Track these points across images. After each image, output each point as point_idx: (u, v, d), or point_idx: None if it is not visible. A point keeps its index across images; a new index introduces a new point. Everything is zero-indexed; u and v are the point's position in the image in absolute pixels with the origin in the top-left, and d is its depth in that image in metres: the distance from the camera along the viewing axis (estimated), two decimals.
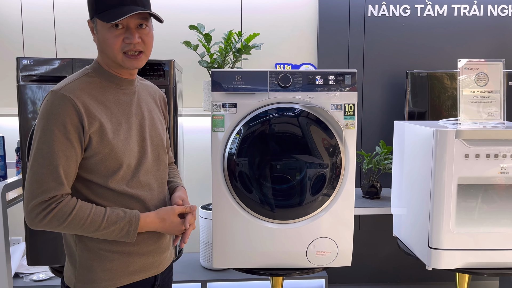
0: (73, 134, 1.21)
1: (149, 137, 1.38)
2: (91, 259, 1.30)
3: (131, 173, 1.33)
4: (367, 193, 2.60)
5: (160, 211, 1.35)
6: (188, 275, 2.63)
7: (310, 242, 1.92)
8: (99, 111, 1.26)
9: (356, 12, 2.81)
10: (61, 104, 1.21)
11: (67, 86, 1.25)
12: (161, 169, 1.44)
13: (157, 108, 1.48)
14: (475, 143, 1.79)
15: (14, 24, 2.75)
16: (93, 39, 1.32)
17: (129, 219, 1.28)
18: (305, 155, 1.89)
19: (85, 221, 1.23)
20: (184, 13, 2.78)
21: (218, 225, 1.91)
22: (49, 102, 1.22)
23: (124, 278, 1.33)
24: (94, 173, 1.28)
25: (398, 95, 2.84)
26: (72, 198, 1.24)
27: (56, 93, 1.22)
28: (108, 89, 1.32)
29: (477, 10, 2.84)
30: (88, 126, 1.23)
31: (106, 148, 1.26)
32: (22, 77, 1.81)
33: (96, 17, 1.26)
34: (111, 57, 1.29)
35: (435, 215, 1.82)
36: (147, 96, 1.45)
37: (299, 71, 1.88)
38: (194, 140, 2.82)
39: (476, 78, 1.95)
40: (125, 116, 1.33)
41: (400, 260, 2.94)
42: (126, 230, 1.27)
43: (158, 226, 1.34)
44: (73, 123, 1.21)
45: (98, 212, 1.25)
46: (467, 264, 1.86)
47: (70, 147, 1.22)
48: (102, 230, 1.25)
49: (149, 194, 1.37)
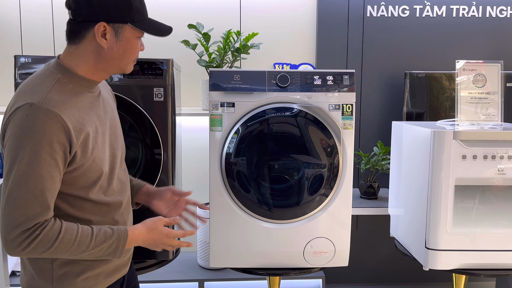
0: (58, 153, 1.10)
1: (116, 138, 1.33)
2: (72, 272, 1.24)
3: (107, 181, 1.27)
4: (364, 193, 2.61)
5: (147, 221, 1.30)
6: (185, 274, 2.63)
7: (307, 242, 1.92)
8: (81, 122, 1.16)
9: (355, 13, 2.81)
10: (47, 121, 1.08)
11: (47, 98, 1.11)
12: (123, 169, 1.40)
13: (113, 103, 1.42)
14: (473, 144, 1.79)
15: (12, 22, 2.74)
16: (100, 43, 1.18)
17: (117, 236, 1.21)
18: (303, 155, 1.89)
19: (72, 244, 1.14)
20: (182, 12, 2.77)
21: (216, 224, 1.91)
22: (30, 117, 1.08)
23: (103, 282, 1.30)
24: (74, 185, 1.19)
25: (397, 96, 2.85)
26: (56, 221, 1.14)
27: (39, 108, 1.09)
28: (81, 94, 1.21)
29: (475, 11, 2.85)
30: (76, 141, 1.13)
31: (89, 160, 1.19)
32: (20, 75, 1.81)
33: (133, 25, 1.20)
34: (124, 65, 1.25)
35: (432, 215, 1.82)
36: (106, 93, 1.38)
37: (297, 71, 1.88)
38: (192, 140, 2.82)
39: (474, 79, 1.95)
40: (99, 120, 1.24)
41: (397, 260, 2.94)
42: (114, 246, 1.21)
43: (146, 237, 1.28)
44: (60, 141, 1.10)
45: (85, 232, 1.16)
46: (464, 265, 1.86)
47: (55, 168, 1.11)
48: (90, 250, 1.17)
49: (123, 198, 1.34)
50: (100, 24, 1.17)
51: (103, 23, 1.17)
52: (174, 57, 1.98)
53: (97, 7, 1.17)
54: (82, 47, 1.20)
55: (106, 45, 1.19)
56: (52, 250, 1.12)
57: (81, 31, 1.19)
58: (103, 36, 1.18)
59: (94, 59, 1.21)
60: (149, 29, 1.24)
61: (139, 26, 1.21)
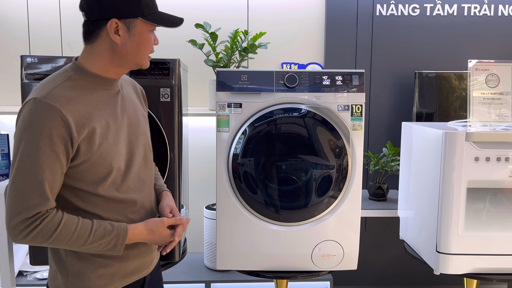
0: (59, 146, 1.13)
1: (136, 137, 1.33)
2: (85, 267, 1.26)
3: (121, 177, 1.27)
4: (373, 194, 2.57)
5: (149, 222, 1.30)
6: (192, 276, 2.61)
7: (316, 245, 1.89)
8: (87, 117, 1.19)
9: (364, 11, 2.78)
10: (47, 115, 1.12)
11: (51, 94, 1.15)
12: (149, 168, 1.39)
13: (139, 102, 1.42)
14: (485, 146, 1.75)
15: (20, 22, 2.74)
16: (114, 39, 1.21)
17: (116, 233, 1.22)
18: (310, 156, 1.86)
19: (71, 236, 1.16)
20: (190, 12, 2.75)
21: (222, 226, 1.89)
22: (32, 111, 1.13)
23: (117, 282, 1.30)
24: (83, 180, 1.21)
25: (406, 96, 2.80)
26: (58, 213, 1.17)
27: (40, 102, 1.13)
28: (94, 91, 1.24)
29: (487, 10, 2.79)
30: (77, 136, 1.15)
31: (95, 155, 1.20)
32: (26, 75, 1.80)
33: (142, 19, 1.22)
34: (139, 59, 1.26)
35: (443, 219, 1.78)
36: (130, 91, 1.40)
37: (305, 71, 1.85)
38: (199, 140, 2.80)
39: (487, 79, 1.91)
40: (113, 117, 1.26)
41: (406, 263, 2.90)
42: (113, 243, 1.22)
43: (146, 238, 1.29)
44: (60, 134, 1.13)
45: (84, 226, 1.18)
46: (476, 269, 1.82)
47: (56, 160, 1.14)
48: (89, 245, 1.19)
49: (140, 197, 1.33)
50: (112, 21, 1.20)
51: (115, 19, 1.20)
52: (181, 57, 1.96)
53: (107, 5, 1.20)
54: (97, 45, 1.24)
55: (119, 41, 1.22)
56: (51, 241, 1.16)
57: (95, 30, 1.23)
58: (116, 33, 1.21)
59: (109, 56, 1.24)
60: (160, 21, 1.26)
61: (150, 19, 1.23)
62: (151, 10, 1.24)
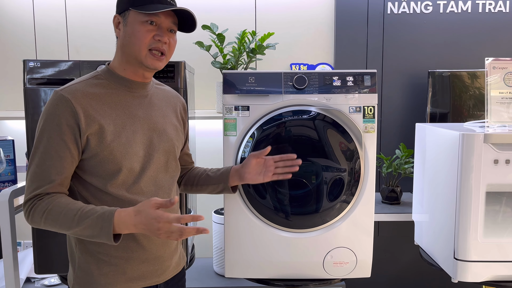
0: (68, 134, 1.21)
1: (159, 142, 1.34)
2: (89, 261, 1.28)
3: (133, 178, 1.28)
4: (386, 198, 2.50)
5: (138, 205, 1.18)
6: (201, 282, 2.56)
7: (327, 252, 1.82)
8: (101, 113, 1.24)
9: (375, 10, 2.70)
10: (59, 105, 1.21)
11: (70, 87, 1.25)
12: (169, 175, 1.38)
13: (173, 114, 1.44)
14: (505, 148, 1.67)
15: (26, 26, 2.72)
16: (116, 34, 1.31)
17: (101, 213, 1.15)
18: (321, 159, 1.80)
19: (58, 216, 1.18)
20: (196, 13, 2.70)
21: (231, 233, 1.83)
22: (49, 102, 1.24)
23: (121, 284, 1.29)
24: (94, 175, 1.26)
25: (419, 96, 2.73)
26: (54, 195, 1.21)
27: (56, 94, 1.23)
28: (116, 91, 1.29)
29: (503, 6, 2.71)
30: (85, 127, 1.22)
31: (105, 151, 1.24)
32: (29, 79, 1.76)
33: (132, 9, 1.25)
34: (135, 52, 1.27)
35: (461, 224, 1.70)
36: (163, 101, 1.42)
37: (315, 72, 1.79)
38: (207, 143, 2.76)
39: (505, 78, 1.83)
40: (131, 119, 1.30)
41: (422, 269, 2.82)
42: (100, 225, 1.14)
43: (136, 221, 1.14)
44: (69, 123, 1.21)
45: (73, 207, 1.18)
46: (496, 276, 1.74)
47: (65, 148, 1.21)
48: (76, 226, 1.16)
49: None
50: (115, 16, 1.30)
51: (117, 15, 1.30)
52: (188, 59, 1.91)
53: (117, 3, 1.31)
54: (116, 45, 1.34)
55: (118, 34, 1.30)
56: (44, 221, 1.20)
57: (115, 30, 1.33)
58: (117, 27, 1.30)
59: (120, 53, 1.31)
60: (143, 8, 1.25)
61: (138, 9, 1.25)
62: (143, 1, 1.26)
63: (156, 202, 1.15)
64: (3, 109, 2.78)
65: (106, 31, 2.72)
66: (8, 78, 2.76)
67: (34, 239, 1.85)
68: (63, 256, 1.90)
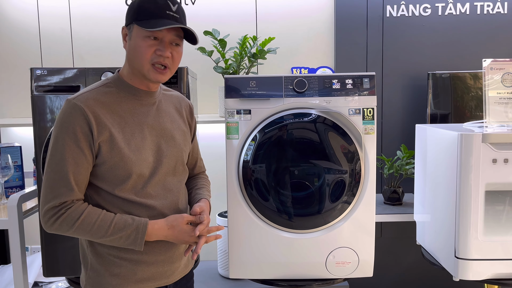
0: (83, 141, 1.24)
1: (167, 148, 1.37)
2: (100, 263, 1.31)
3: (142, 183, 1.32)
4: (388, 199, 2.52)
5: (169, 218, 1.32)
6: (206, 284, 2.59)
7: (330, 252, 1.85)
8: (111, 121, 1.27)
9: (374, 13, 2.74)
10: (72, 113, 1.24)
11: (81, 96, 1.28)
12: (177, 179, 1.42)
13: (181, 119, 1.47)
14: (503, 147, 1.69)
15: (32, 35, 2.77)
16: (123, 45, 1.34)
17: (136, 226, 1.26)
18: (322, 161, 1.83)
19: (92, 226, 1.24)
20: (198, 19, 2.75)
21: (234, 235, 1.87)
22: (62, 110, 1.27)
23: (131, 285, 1.32)
24: (104, 180, 1.29)
25: (419, 98, 2.75)
26: (83, 204, 1.26)
27: (69, 102, 1.26)
28: (125, 100, 1.32)
29: (501, 8, 2.73)
30: (97, 135, 1.25)
31: (116, 157, 1.27)
32: (36, 87, 1.81)
33: (135, 23, 1.27)
34: (138, 66, 1.30)
35: (461, 223, 1.73)
36: (170, 106, 1.45)
37: (315, 75, 1.82)
38: (210, 147, 2.79)
39: (503, 79, 1.85)
40: (140, 126, 1.33)
41: (424, 269, 2.83)
42: (133, 237, 1.26)
43: (168, 234, 1.30)
44: (83, 131, 1.24)
45: (106, 218, 1.25)
46: (497, 274, 1.76)
47: (81, 154, 1.24)
48: (109, 236, 1.25)
49: (160, 204, 1.35)
50: (123, 28, 1.33)
51: (124, 27, 1.33)
52: (190, 65, 1.95)
53: (127, 12, 1.33)
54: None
55: (125, 46, 1.33)
56: (74, 230, 1.24)
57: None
58: (124, 39, 1.33)
59: (127, 63, 1.34)
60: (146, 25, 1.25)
61: (139, 24, 1.26)
62: (147, 16, 1.27)
63: (188, 219, 1.33)
64: (11, 116, 2.83)
65: (110, 38, 2.77)
66: (15, 86, 2.81)
67: (43, 243, 1.89)
68: (71, 260, 1.94)
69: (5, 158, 2.10)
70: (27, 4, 2.75)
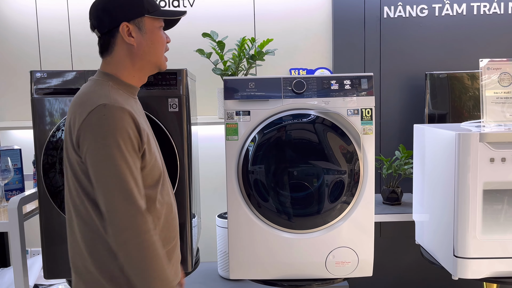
0: (135, 146, 1.18)
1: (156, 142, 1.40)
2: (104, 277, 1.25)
3: (162, 181, 1.32)
4: (387, 199, 2.53)
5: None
6: (206, 286, 2.60)
7: (329, 252, 1.86)
8: (141, 122, 1.24)
9: (372, 14, 2.75)
10: (123, 117, 1.16)
11: (114, 99, 1.18)
12: None
13: None
14: (501, 146, 1.71)
15: (30, 37, 2.78)
16: (129, 41, 1.25)
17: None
18: (321, 161, 1.84)
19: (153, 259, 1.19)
20: (197, 21, 2.76)
21: (234, 235, 1.87)
22: (109, 116, 1.15)
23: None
24: (144, 184, 1.23)
25: (417, 98, 2.77)
26: None
27: (113, 107, 1.16)
28: (130, 100, 1.29)
29: (497, 8, 2.75)
30: (142, 138, 1.21)
31: (152, 158, 1.26)
32: (36, 90, 1.81)
33: (148, 16, 1.26)
34: (155, 59, 1.30)
35: (460, 222, 1.74)
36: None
37: (313, 76, 1.83)
38: (209, 148, 2.80)
39: (499, 78, 1.87)
40: (147, 124, 1.33)
41: (423, 268, 2.84)
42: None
43: None
44: (135, 135, 1.18)
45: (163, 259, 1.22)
46: (495, 273, 1.77)
47: (138, 159, 1.19)
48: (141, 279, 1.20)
49: (173, 200, 1.38)
50: (123, 24, 1.25)
51: (125, 23, 1.25)
52: (189, 67, 1.96)
53: (115, 12, 1.25)
54: (116, 54, 1.27)
55: (135, 42, 1.26)
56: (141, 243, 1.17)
57: (110, 40, 1.27)
58: (129, 35, 1.25)
59: (130, 61, 1.28)
60: (165, 13, 1.29)
61: (156, 15, 1.27)
62: (155, 7, 1.29)
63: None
64: (10, 119, 2.83)
65: None
66: (14, 89, 2.82)
67: (43, 245, 1.89)
68: None
69: (5, 161, 2.10)
70: (25, 7, 2.76)
